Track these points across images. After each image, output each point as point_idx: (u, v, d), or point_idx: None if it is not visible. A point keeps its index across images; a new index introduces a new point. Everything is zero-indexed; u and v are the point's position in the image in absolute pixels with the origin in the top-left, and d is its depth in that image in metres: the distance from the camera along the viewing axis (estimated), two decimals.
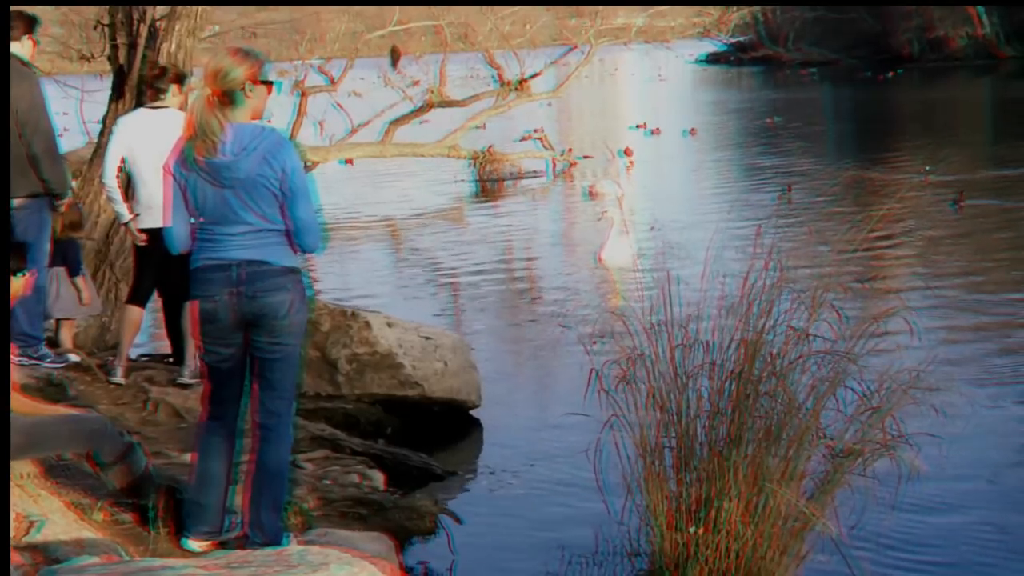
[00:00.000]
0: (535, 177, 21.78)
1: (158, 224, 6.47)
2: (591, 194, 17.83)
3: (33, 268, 5.04)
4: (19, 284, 4.87)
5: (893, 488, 4.83)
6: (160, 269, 6.86)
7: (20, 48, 6.87)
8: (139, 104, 7.70)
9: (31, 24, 6.97)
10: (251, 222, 4.50)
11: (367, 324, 7.66)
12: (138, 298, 7.09)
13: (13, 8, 6.99)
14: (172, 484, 5.01)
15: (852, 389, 4.90)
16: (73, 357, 7.25)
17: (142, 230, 6.84)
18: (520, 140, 24.75)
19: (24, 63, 6.84)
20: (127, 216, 6.94)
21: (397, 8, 25.40)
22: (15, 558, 4.04)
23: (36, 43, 7.02)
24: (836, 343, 4.96)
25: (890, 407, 4.79)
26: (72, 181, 7.63)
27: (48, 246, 7.10)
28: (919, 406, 4.80)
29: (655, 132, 28.77)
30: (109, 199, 7.04)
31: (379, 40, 27.31)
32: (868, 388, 4.88)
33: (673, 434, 5.00)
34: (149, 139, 6.67)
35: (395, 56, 28.41)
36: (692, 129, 28.25)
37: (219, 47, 14.74)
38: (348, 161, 22.99)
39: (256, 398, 4.64)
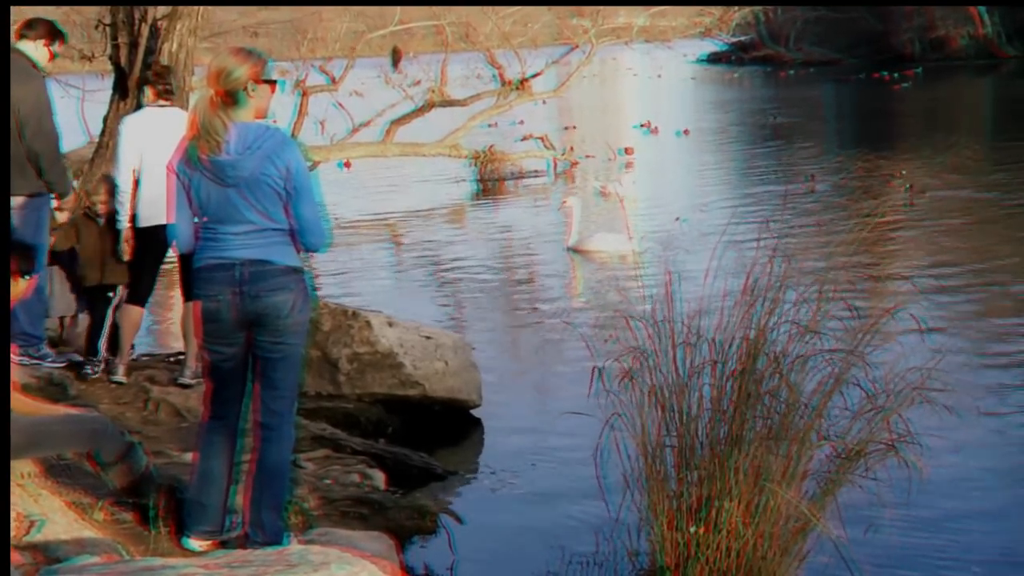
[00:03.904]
0: (536, 177, 21.77)
1: (158, 221, 6.54)
2: (603, 194, 17.83)
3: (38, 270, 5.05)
4: (23, 286, 4.87)
5: (897, 488, 4.83)
6: (155, 262, 6.94)
7: (33, 50, 6.84)
8: (136, 104, 7.66)
9: (53, 34, 6.91)
10: (254, 221, 4.50)
11: (368, 324, 7.66)
12: (137, 297, 7.09)
13: (41, 17, 7.00)
14: (173, 483, 5.02)
15: (859, 386, 4.88)
16: (76, 356, 7.25)
17: (143, 228, 6.85)
18: (522, 139, 24.75)
19: (32, 63, 6.81)
20: (126, 224, 6.90)
21: (398, 8, 25.40)
22: (16, 557, 4.04)
23: (53, 55, 6.96)
24: (841, 340, 4.96)
25: (894, 407, 4.78)
26: (74, 181, 7.59)
27: (47, 245, 7.09)
28: (925, 406, 4.79)
29: (653, 131, 28.72)
30: (118, 202, 6.91)
31: (380, 40, 27.32)
32: (875, 387, 4.86)
33: (674, 433, 5.00)
34: (157, 138, 6.58)
35: (396, 57, 28.43)
36: (685, 129, 28.16)
37: (221, 47, 14.75)
38: (346, 164, 23.00)
39: (258, 397, 4.64)
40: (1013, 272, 11.49)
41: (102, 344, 7.19)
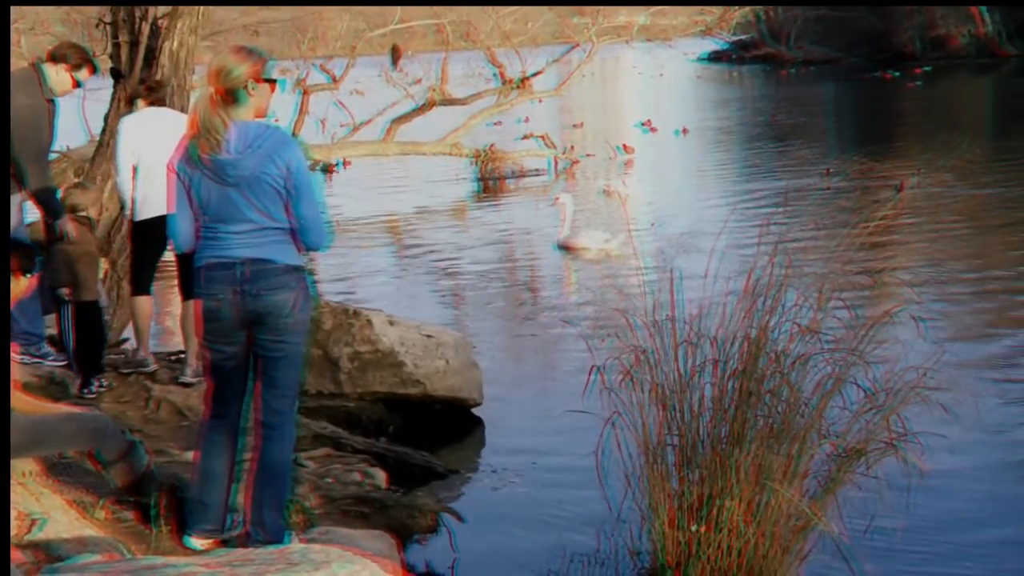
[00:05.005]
0: (537, 176, 21.77)
1: (155, 214, 6.69)
2: (606, 193, 17.87)
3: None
4: (24, 284, 4.87)
5: (897, 487, 4.83)
6: (155, 255, 7.04)
7: (54, 74, 6.88)
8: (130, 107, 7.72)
9: (78, 61, 6.93)
10: (255, 220, 4.50)
11: (369, 322, 7.67)
12: (142, 288, 7.16)
13: (74, 42, 7.03)
14: (174, 482, 5.02)
15: (859, 385, 4.89)
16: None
17: (139, 222, 6.93)
18: (523, 138, 24.75)
19: (40, 84, 6.84)
20: (128, 209, 7.02)
21: (399, 6, 25.42)
22: (17, 556, 4.04)
23: (77, 83, 6.98)
24: (842, 340, 4.96)
25: (894, 406, 4.78)
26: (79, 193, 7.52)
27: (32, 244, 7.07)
28: (925, 405, 4.79)
29: (653, 130, 28.69)
30: (121, 199, 7.08)
31: (381, 38, 27.35)
32: (875, 386, 4.86)
33: (675, 432, 5.00)
34: (152, 138, 6.77)
35: (395, 55, 28.47)
36: (684, 128, 28.12)
37: (221, 45, 14.75)
38: (345, 163, 23.01)
39: (259, 396, 4.64)
40: (1014, 271, 11.49)
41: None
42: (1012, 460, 6.64)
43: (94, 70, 7.11)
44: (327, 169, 22.66)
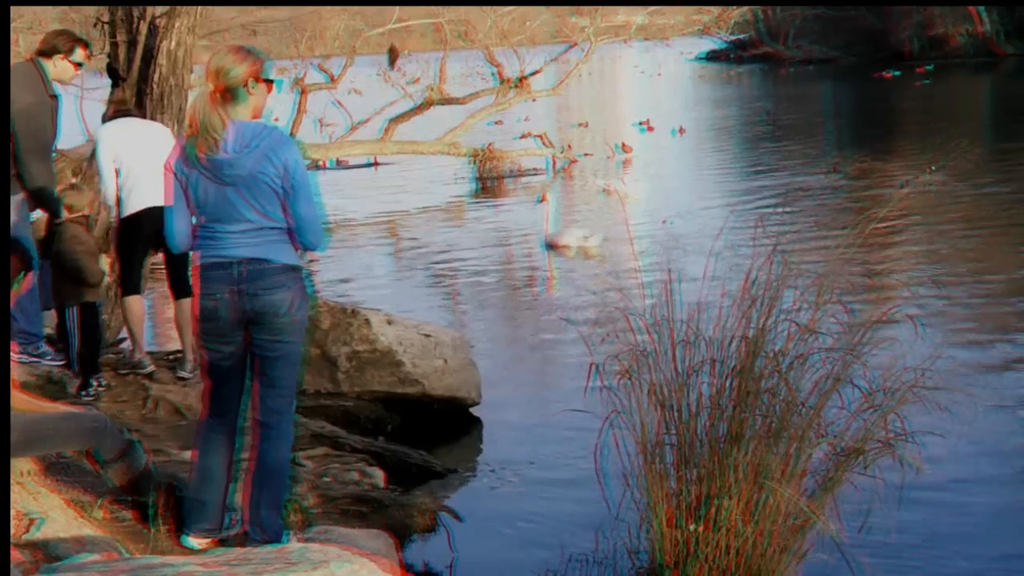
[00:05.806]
0: (535, 175, 21.77)
1: (137, 208, 6.91)
2: (606, 192, 17.91)
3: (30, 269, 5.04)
4: (23, 281, 4.87)
5: (895, 486, 4.83)
6: (142, 252, 7.16)
7: (52, 68, 6.94)
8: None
9: (69, 46, 6.98)
10: (252, 220, 4.50)
11: (367, 322, 7.67)
12: (133, 287, 7.16)
13: (66, 29, 7.08)
14: (172, 481, 5.01)
15: (856, 385, 4.89)
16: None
17: (125, 217, 7.04)
18: (521, 137, 24.76)
19: (44, 81, 6.86)
20: (112, 205, 7.16)
21: (397, 6, 25.45)
22: (15, 556, 4.04)
23: (78, 66, 7.06)
24: (840, 339, 4.96)
25: (892, 405, 4.79)
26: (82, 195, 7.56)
27: (32, 242, 7.06)
28: (923, 404, 4.80)
29: (650, 129, 28.70)
30: (106, 203, 7.25)
31: (379, 38, 27.37)
32: (873, 386, 4.86)
33: (674, 431, 5.00)
34: (131, 142, 7.01)
35: (392, 56, 28.52)
36: (680, 128, 28.11)
37: (219, 45, 14.76)
38: (340, 162, 23.01)
39: (257, 396, 4.64)
40: (1013, 272, 11.49)
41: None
42: (1009, 460, 6.65)
43: (87, 47, 7.16)
44: (372, 163, 22.97)
